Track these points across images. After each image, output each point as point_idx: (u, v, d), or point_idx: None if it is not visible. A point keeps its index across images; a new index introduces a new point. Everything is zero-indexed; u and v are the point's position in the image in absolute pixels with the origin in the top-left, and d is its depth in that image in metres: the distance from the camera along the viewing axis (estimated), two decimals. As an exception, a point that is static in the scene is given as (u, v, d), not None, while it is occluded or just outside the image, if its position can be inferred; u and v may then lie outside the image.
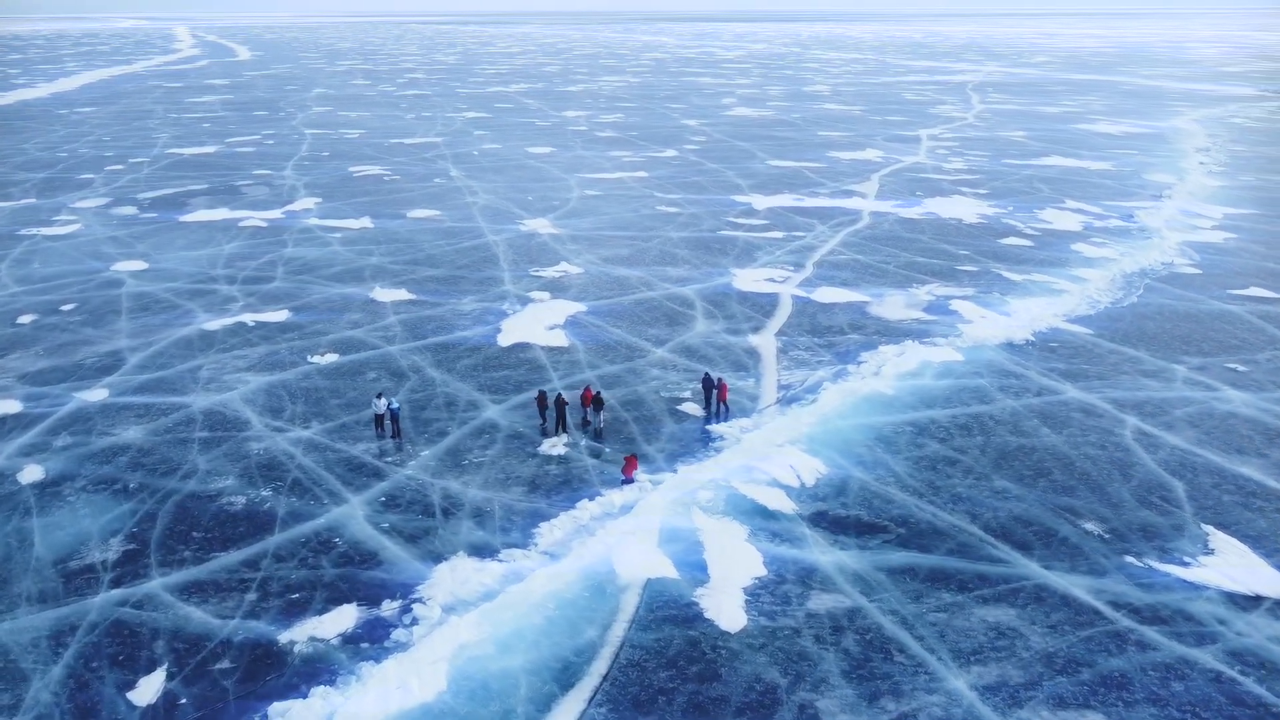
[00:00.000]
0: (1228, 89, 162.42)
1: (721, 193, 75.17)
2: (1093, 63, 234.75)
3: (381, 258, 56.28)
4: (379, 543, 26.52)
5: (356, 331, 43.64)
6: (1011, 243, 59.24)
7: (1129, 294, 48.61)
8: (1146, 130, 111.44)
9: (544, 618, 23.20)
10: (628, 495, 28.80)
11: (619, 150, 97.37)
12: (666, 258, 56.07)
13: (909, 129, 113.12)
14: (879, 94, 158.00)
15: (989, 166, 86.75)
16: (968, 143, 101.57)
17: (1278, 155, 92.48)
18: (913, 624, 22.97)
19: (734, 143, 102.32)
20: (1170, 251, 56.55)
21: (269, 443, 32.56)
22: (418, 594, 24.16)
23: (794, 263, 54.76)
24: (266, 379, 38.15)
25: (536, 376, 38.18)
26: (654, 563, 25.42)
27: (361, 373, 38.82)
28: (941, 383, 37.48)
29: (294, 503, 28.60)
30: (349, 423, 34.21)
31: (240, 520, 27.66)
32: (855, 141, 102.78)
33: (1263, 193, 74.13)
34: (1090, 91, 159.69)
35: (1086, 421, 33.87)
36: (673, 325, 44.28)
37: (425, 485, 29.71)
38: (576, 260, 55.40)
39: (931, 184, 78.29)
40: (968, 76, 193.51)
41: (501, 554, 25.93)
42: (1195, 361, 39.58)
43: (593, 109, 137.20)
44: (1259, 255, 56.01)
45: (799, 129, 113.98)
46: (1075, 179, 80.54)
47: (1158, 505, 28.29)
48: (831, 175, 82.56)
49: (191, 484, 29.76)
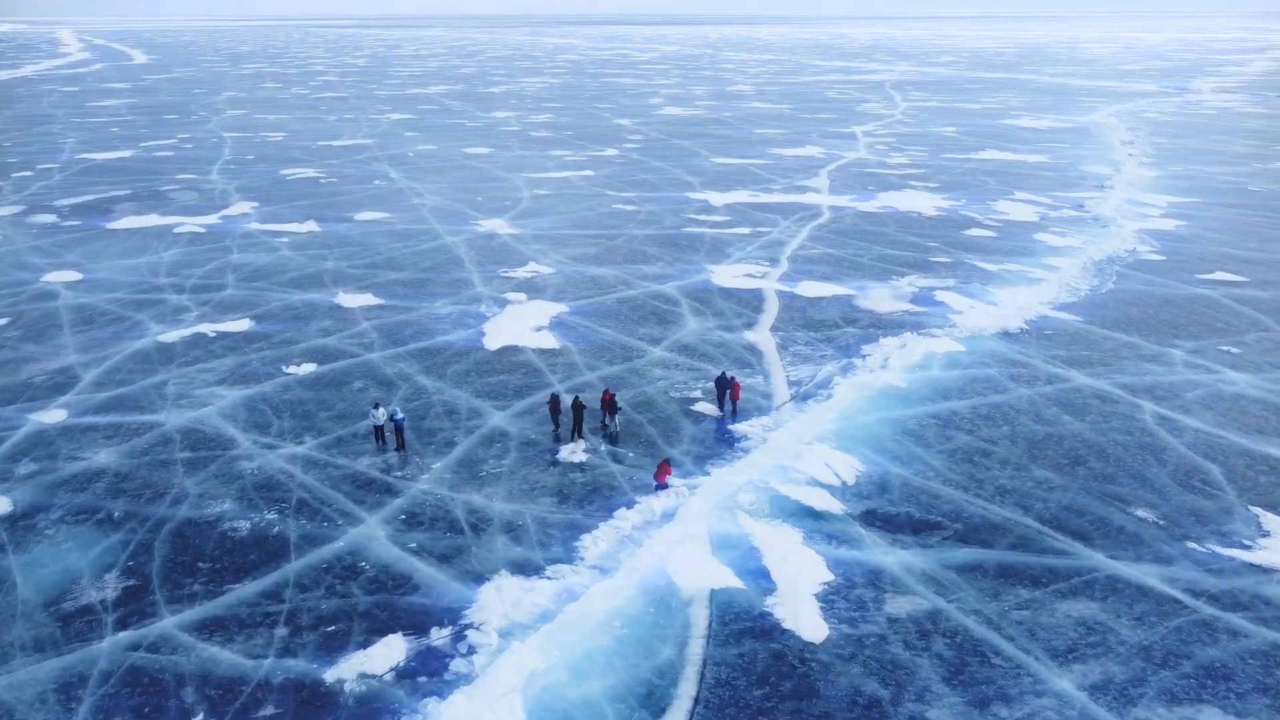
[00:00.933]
0: (1132, 86, 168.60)
1: (675, 190, 73.97)
2: (997, 62, 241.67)
3: (337, 262, 53.38)
4: (410, 565, 24.37)
5: (330, 339, 40.96)
6: (976, 234, 59.46)
7: (1104, 281, 49.02)
8: (1068, 125, 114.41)
9: (612, 638, 21.47)
10: (666, 501, 27.22)
11: (559, 150, 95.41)
12: (637, 255, 54.54)
13: (842, 126, 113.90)
14: (802, 93, 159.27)
15: (930, 161, 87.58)
16: (903, 138, 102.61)
17: (1198, 146, 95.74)
18: (999, 624, 21.96)
19: (673, 141, 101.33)
20: (1130, 239, 57.46)
21: (261, 461, 29.95)
22: (467, 619, 22.15)
23: (768, 258, 53.84)
24: (242, 392, 35.32)
25: (535, 380, 36.27)
26: (713, 572, 23.92)
27: (346, 382, 36.30)
28: (951, 374, 36.85)
29: (305, 525, 26.18)
30: (345, 436, 31.78)
31: (249, 547, 25.15)
32: (794, 139, 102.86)
33: (1197, 182, 76.35)
34: (1004, 89, 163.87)
35: (1104, 408, 33.58)
36: (663, 324, 42.79)
37: (445, 500, 27.60)
38: (545, 260, 53.46)
39: (880, 178, 78.51)
40: (884, 76, 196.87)
41: (547, 570, 24.08)
42: (1189, 345, 39.86)
43: (520, 109, 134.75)
44: (1215, 241, 57.32)
45: (734, 127, 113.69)
46: (1016, 171, 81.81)
47: (1200, 489, 27.98)
48: (779, 171, 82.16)
49: (184, 509, 27.04)
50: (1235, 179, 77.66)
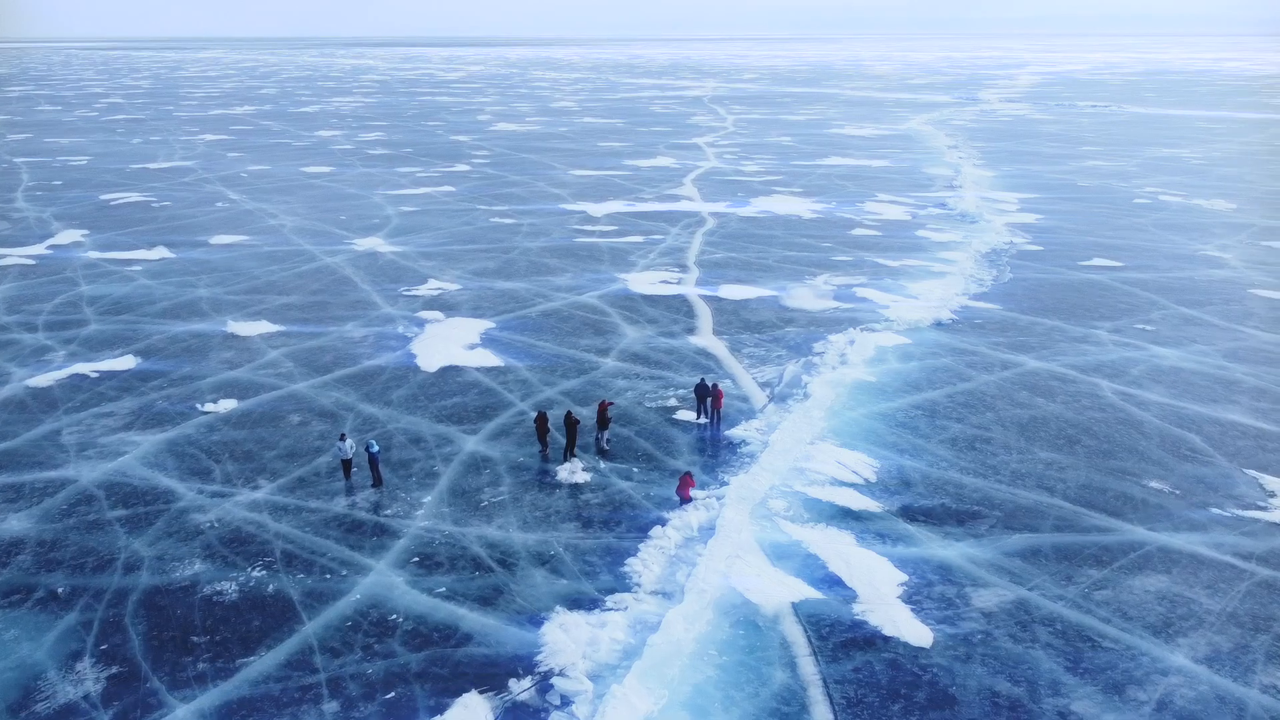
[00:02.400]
0: (927, 97, 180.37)
1: (546, 202, 71.86)
2: (796, 78, 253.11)
3: (211, 289, 48.03)
4: (449, 612, 21.39)
5: (239, 372, 36.42)
6: (861, 234, 60.77)
7: (1001, 272, 50.97)
8: (890, 132, 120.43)
9: (714, 667, 19.46)
10: (698, 515, 25.38)
11: (406, 167, 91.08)
12: (540, 268, 52.18)
13: (681, 138, 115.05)
14: (628, 108, 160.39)
15: (783, 168, 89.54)
16: (746, 148, 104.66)
17: (1014, 149, 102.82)
18: (1087, 606, 21.52)
19: (521, 155, 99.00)
20: (1003, 233, 60.30)
21: (218, 512, 25.80)
22: (543, 666, 19.53)
23: (674, 264, 52.80)
24: (159, 436, 30.61)
25: (493, 400, 33.48)
26: (784, 584, 22.33)
27: (281, 417, 32.20)
28: (910, 365, 36.89)
29: (304, 580, 22.58)
30: (305, 476, 27.98)
31: (246, 612, 21.36)
32: (641, 151, 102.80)
33: (1031, 180, 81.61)
34: (815, 102, 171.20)
35: (1067, 389, 34.44)
36: (600, 334, 40.79)
37: (455, 536, 24.61)
38: (444, 277, 50.19)
39: (745, 185, 79.37)
40: (698, 91, 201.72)
41: (607, 601, 21.75)
42: (1108, 325, 41.80)
43: (345, 128, 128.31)
44: (1076, 232, 61.05)
45: (576, 141, 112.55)
46: (867, 175, 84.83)
47: (1193, 458, 28.92)
48: (642, 182, 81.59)
49: (145, 576, 22.75)
50: (1061, 176, 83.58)
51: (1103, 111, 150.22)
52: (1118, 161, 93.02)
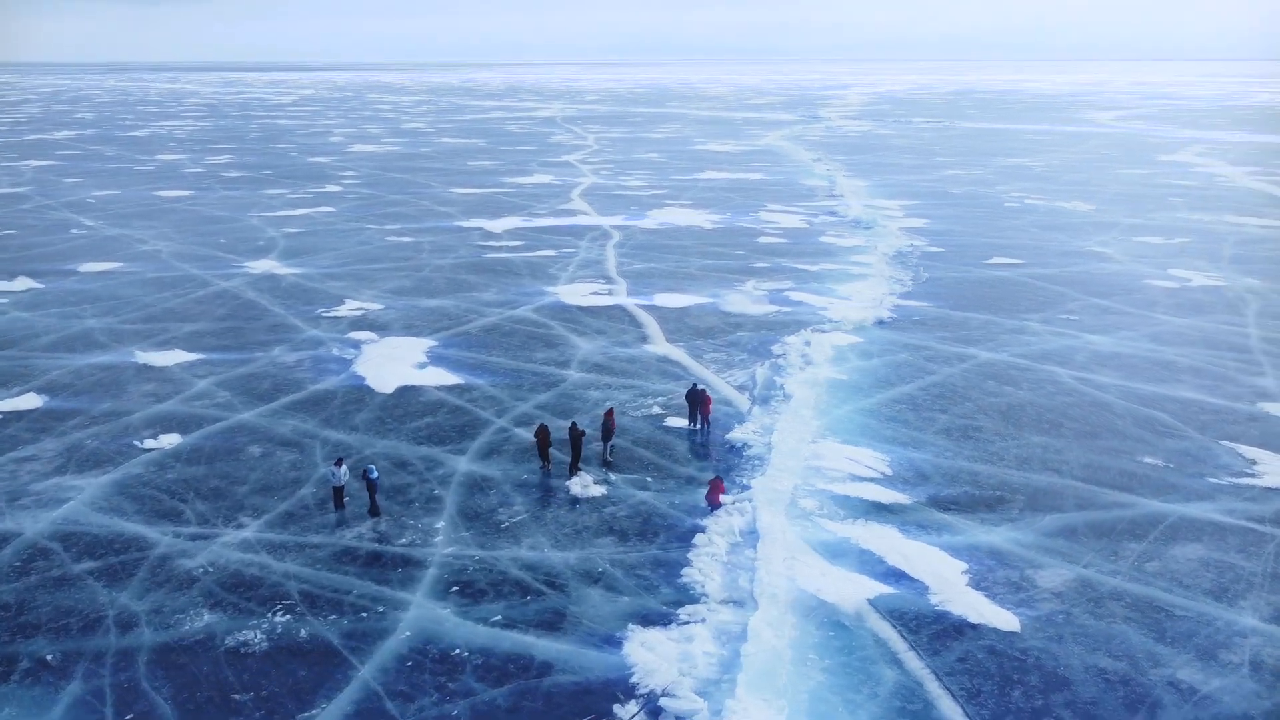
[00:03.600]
0: (772, 115, 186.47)
1: (438, 220, 69.41)
2: (638, 99, 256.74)
3: (101, 319, 43.54)
4: (514, 641, 19.65)
5: (171, 405, 32.95)
6: (769, 241, 61.52)
7: (917, 272, 52.53)
8: (751, 148, 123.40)
9: (820, 671, 18.60)
10: (735, 520, 24.49)
11: (272, 189, 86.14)
12: (460, 284, 50.08)
13: (550, 156, 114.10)
14: (484, 129, 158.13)
15: (664, 182, 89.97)
16: (619, 164, 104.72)
17: (876, 161, 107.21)
18: (1143, 578, 21.95)
19: (392, 176, 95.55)
20: (901, 237, 62.34)
21: (207, 556, 22.98)
22: (642, 688, 18.15)
23: (597, 276, 51.80)
24: (103, 478, 27.15)
25: (468, 419, 31.56)
26: (852, 582, 21.75)
27: (239, 449, 29.22)
28: (872, 362, 37.25)
29: (339, 622, 20.29)
30: (293, 510, 25.37)
31: (286, 661, 18.95)
32: (515, 169, 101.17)
33: (905, 188, 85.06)
34: (666, 121, 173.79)
35: (1028, 377, 35.55)
36: (551, 347, 39.32)
37: (489, 561, 22.78)
38: (361, 297, 47.38)
39: (634, 199, 79.18)
40: (548, 112, 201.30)
41: (679, 615, 20.54)
42: (1035, 317, 43.61)
43: (189, 152, 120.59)
44: (966, 234, 63.82)
45: (445, 160, 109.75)
46: (748, 188, 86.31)
47: (1170, 433, 30.27)
48: (529, 198, 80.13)
49: (148, 634, 19.88)
50: (928, 185, 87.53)
51: (939, 127, 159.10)
52: (972, 170, 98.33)
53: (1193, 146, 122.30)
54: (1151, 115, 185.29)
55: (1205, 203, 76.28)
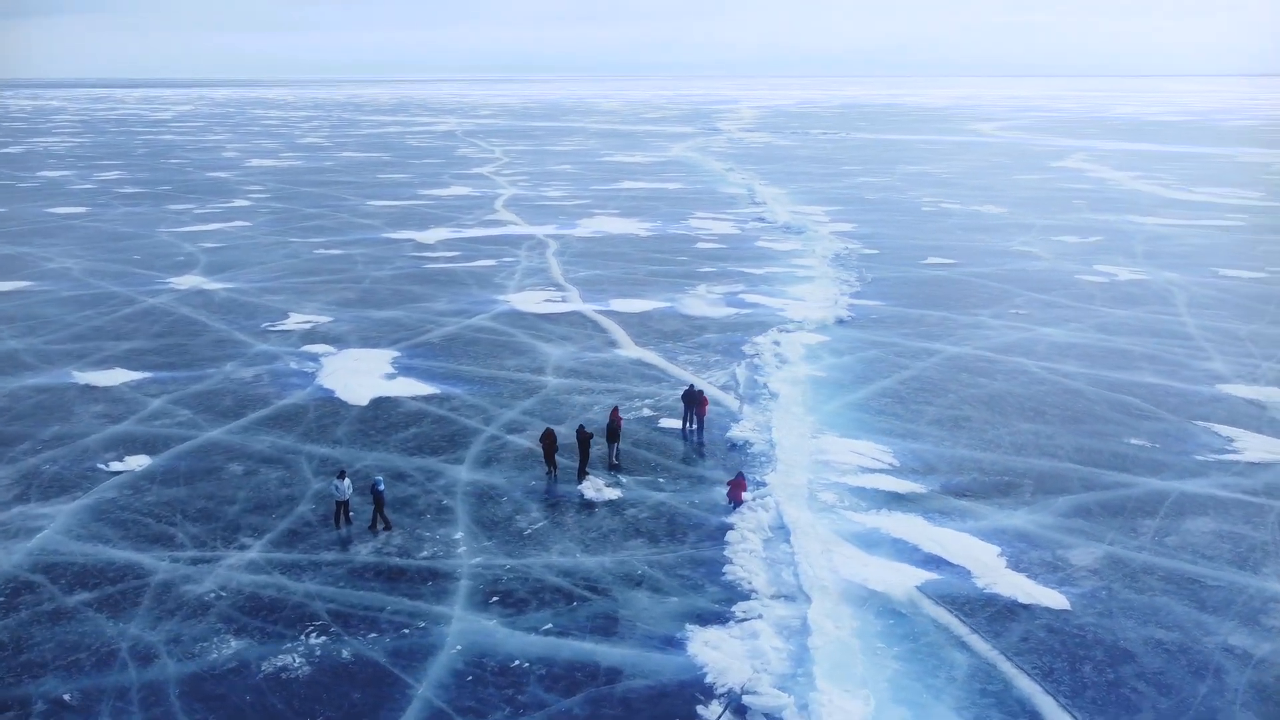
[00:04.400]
0: (671, 129, 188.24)
1: (364, 232, 67.35)
2: (534, 113, 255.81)
3: (23, 339, 40.52)
4: (574, 648, 18.88)
5: (128, 425, 30.79)
6: (707, 247, 61.76)
7: (860, 273, 53.45)
8: (660, 159, 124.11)
9: (892, 659, 18.45)
10: (762, 516, 24.21)
11: (176, 204, 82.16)
12: (405, 295, 48.57)
13: (462, 168, 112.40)
14: (384, 143, 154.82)
15: (584, 192, 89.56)
16: (535, 176, 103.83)
17: (786, 170, 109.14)
18: (1167, 552, 22.60)
19: (302, 190, 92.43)
20: (835, 240, 63.46)
21: (216, 580, 21.41)
22: (719, 686, 17.65)
23: (546, 283, 51.01)
24: (73, 504, 25.09)
25: (455, 427, 30.48)
26: (896, 570, 21.75)
27: (218, 467, 27.45)
28: (845, 359, 37.62)
29: (380, 640, 19.12)
30: (295, 528, 23.92)
31: (334, 685, 17.72)
32: (429, 181, 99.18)
33: (821, 195, 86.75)
34: (567, 135, 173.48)
35: (997, 368, 36.44)
36: (520, 354, 38.42)
37: (520, 569, 21.90)
38: (304, 310, 45.43)
39: (559, 209, 78.53)
40: (444, 127, 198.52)
41: (735, 612, 20.12)
42: (987, 313, 44.86)
43: (73, 168, 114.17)
44: (897, 236, 65.39)
45: (353, 174, 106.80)
46: (670, 197, 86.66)
47: (1146, 416, 31.41)
48: (452, 210, 78.62)
49: (172, 665, 18.33)
50: (843, 192, 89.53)
51: (835, 138, 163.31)
52: (880, 178, 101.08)
53: (1076, 154, 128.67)
54: (1028, 126, 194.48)
55: (1105, 204, 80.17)
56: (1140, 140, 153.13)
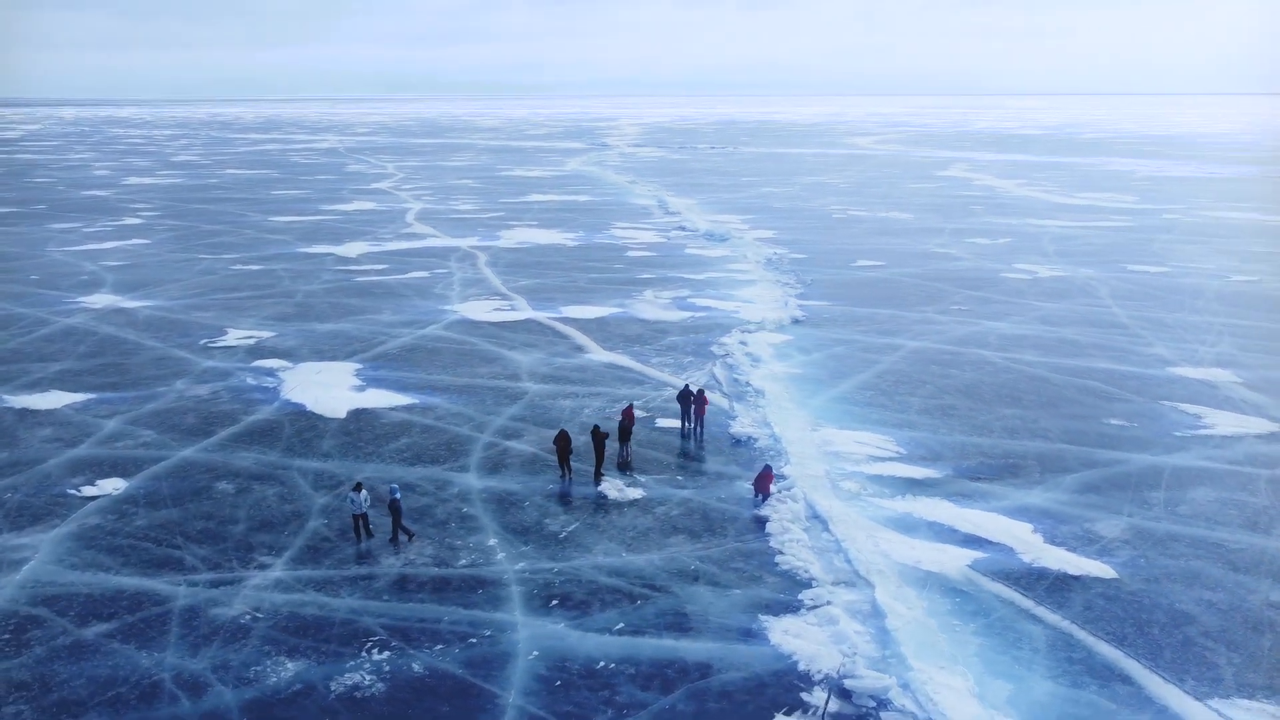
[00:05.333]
0: (561, 145, 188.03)
1: (281, 247, 64.59)
2: (414, 131, 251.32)
3: (-67, 365, 37.09)
4: (653, 646, 18.35)
5: (88, 449, 28.50)
6: (639, 255, 61.74)
7: (798, 276, 54.31)
8: (560, 173, 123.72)
9: (972, 635, 18.63)
10: (796, 507, 24.15)
11: (59, 223, 77.04)
12: (347, 308, 46.73)
13: (359, 184, 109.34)
14: (267, 160, 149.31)
15: (496, 205, 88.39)
16: (438, 190, 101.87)
17: (688, 182, 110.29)
18: (1183, 520, 23.60)
19: (194, 207, 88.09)
20: (761, 246, 64.36)
21: (246, 602, 19.92)
22: (816, 672, 17.43)
23: (490, 293, 49.97)
24: (52, 533, 22.99)
25: (447, 436, 29.41)
26: (943, 551, 22.05)
27: (204, 488, 25.65)
28: (815, 356, 38.10)
29: (445, 651, 18.14)
30: (313, 544, 22.54)
31: (416, 701, 16.71)
32: (329, 197, 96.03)
33: (731, 205, 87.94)
34: (458, 151, 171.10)
35: (962, 359, 37.55)
36: (489, 362, 37.44)
37: (571, 573, 21.19)
38: (241, 326, 43.16)
39: (476, 222, 77.24)
40: (326, 144, 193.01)
41: (803, 598, 19.97)
42: (930, 310, 46.23)
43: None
44: (819, 242, 66.82)
45: (246, 190, 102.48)
46: (585, 209, 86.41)
47: (1116, 399, 32.86)
48: (365, 224, 76.31)
49: (229, 693, 16.92)
50: (751, 201, 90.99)
51: (725, 152, 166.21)
52: (781, 188, 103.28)
53: (957, 164, 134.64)
54: (903, 140, 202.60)
55: (1001, 209, 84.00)
56: (1009, 151, 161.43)
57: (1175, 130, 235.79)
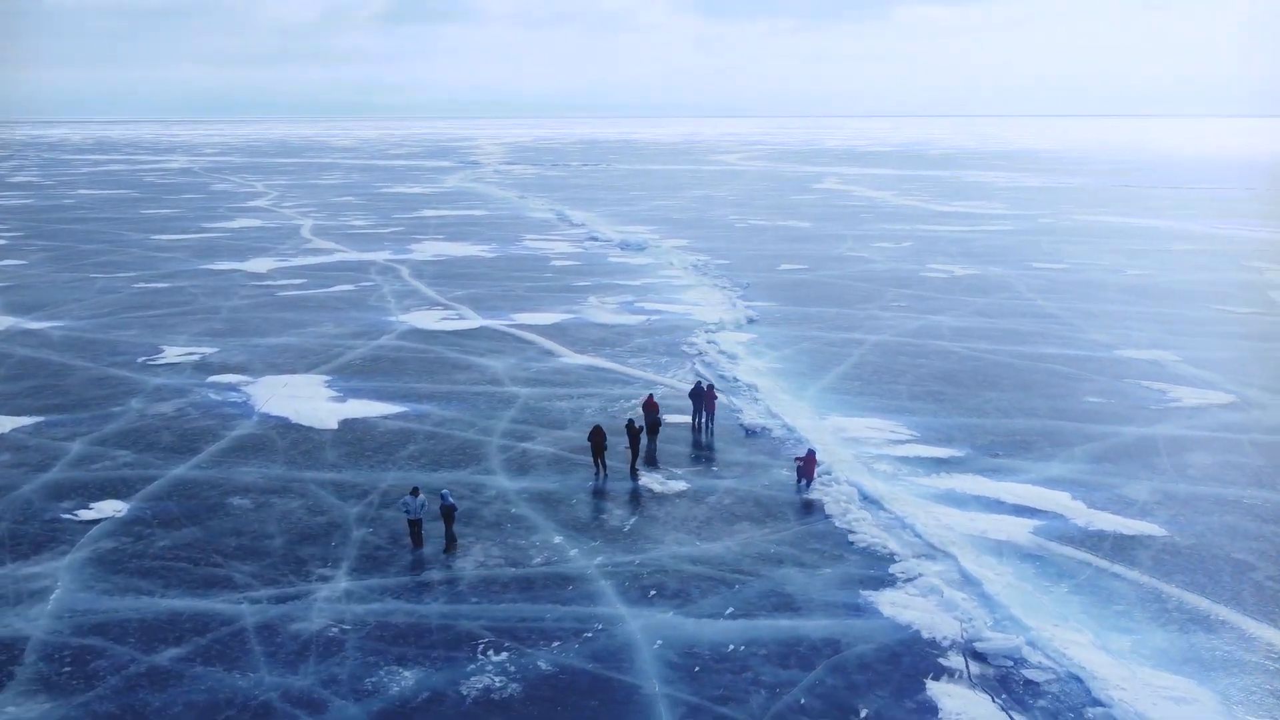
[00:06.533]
0: (428, 163, 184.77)
1: (179, 264, 60.82)
2: (266, 152, 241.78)
3: None
4: (769, 626, 18.17)
5: (62, 472, 26.00)
6: (565, 264, 61.28)
7: (732, 280, 55.04)
8: (444, 190, 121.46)
9: (1068, 593, 19.32)
10: (845, 490, 24.43)
11: (-90, 245, 70.16)
12: (284, 322, 44.42)
13: (233, 203, 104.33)
14: (120, 180, 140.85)
15: (392, 220, 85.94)
16: (324, 207, 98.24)
17: (576, 196, 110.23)
18: (1198, 481, 25.16)
19: (58, 226, 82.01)
20: (682, 254, 64.91)
21: (325, 614, 18.58)
22: (943, 640, 17.67)
23: (430, 304, 48.53)
24: (68, 559, 20.85)
25: (456, 442, 28.33)
26: (996, 521, 22.80)
27: (219, 505, 23.81)
28: (787, 351, 38.75)
29: (568, 647, 17.44)
30: (370, 553, 21.26)
31: (563, 696, 15.98)
32: (206, 215, 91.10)
33: (630, 216, 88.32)
34: (325, 170, 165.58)
35: (928, 349, 38.92)
36: (465, 369, 36.35)
37: (650, 563, 20.76)
38: (175, 344, 40.39)
39: (379, 237, 74.91)
40: (177, 164, 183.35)
41: (892, 572, 20.20)
42: (872, 306, 47.75)
43: None
44: (736, 249, 67.93)
45: (110, 210, 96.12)
46: (487, 222, 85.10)
47: (1081, 379, 34.76)
48: (262, 240, 72.85)
49: (355, 708, 15.73)
50: (649, 213, 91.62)
51: (600, 169, 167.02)
52: (673, 201, 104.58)
53: (829, 178, 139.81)
54: (766, 156, 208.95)
55: (891, 217, 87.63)
56: (869, 166, 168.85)
57: (1011, 147, 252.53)
